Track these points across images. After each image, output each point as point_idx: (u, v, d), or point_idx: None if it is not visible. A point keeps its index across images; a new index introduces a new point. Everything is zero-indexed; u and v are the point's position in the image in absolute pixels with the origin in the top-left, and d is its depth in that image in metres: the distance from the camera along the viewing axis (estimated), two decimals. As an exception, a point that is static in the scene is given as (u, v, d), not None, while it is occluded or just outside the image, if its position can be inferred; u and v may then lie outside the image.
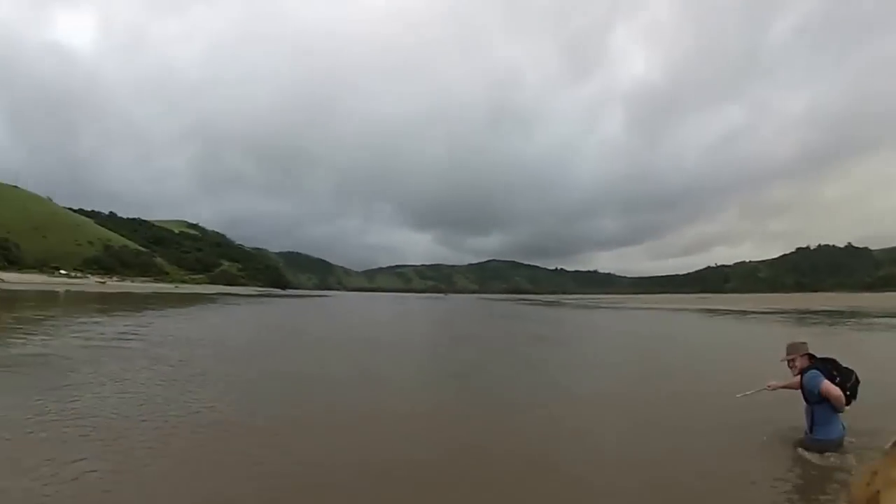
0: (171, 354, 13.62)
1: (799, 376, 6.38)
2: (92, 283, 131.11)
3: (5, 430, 6.48)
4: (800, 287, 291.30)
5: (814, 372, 6.16)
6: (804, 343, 6.68)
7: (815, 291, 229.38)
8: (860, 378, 6.18)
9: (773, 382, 6.98)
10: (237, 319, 32.62)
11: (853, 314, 42.68)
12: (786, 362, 6.73)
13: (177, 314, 32.72)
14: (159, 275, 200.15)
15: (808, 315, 42.22)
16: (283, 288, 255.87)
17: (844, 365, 6.26)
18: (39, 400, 8.17)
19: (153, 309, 37.25)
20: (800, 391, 6.35)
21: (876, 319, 35.45)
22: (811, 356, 6.50)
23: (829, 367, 6.21)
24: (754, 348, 19.57)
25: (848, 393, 6.05)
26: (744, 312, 48.77)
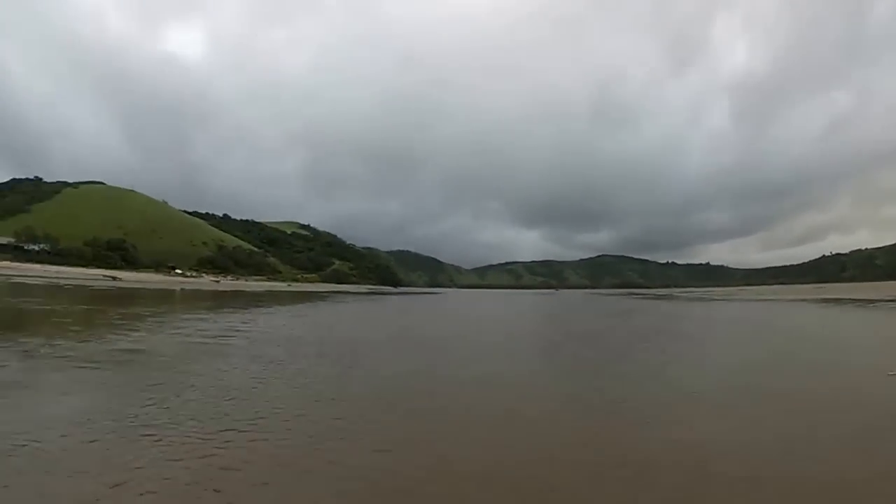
0: (271, 353, 13.42)
1: None
2: (206, 281, 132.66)
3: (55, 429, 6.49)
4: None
5: None
6: None
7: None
8: None
9: None
10: (345, 317, 31.62)
11: None
12: None
13: (285, 312, 32.92)
14: (272, 274, 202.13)
15: None
16: (395, 286, 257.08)
17: None
18: (113, 400, 8.17)
19: (262, 306, 37.91)
20: None
21: None
22: None
23: None
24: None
25: None
26: (869, 301, 48.38)
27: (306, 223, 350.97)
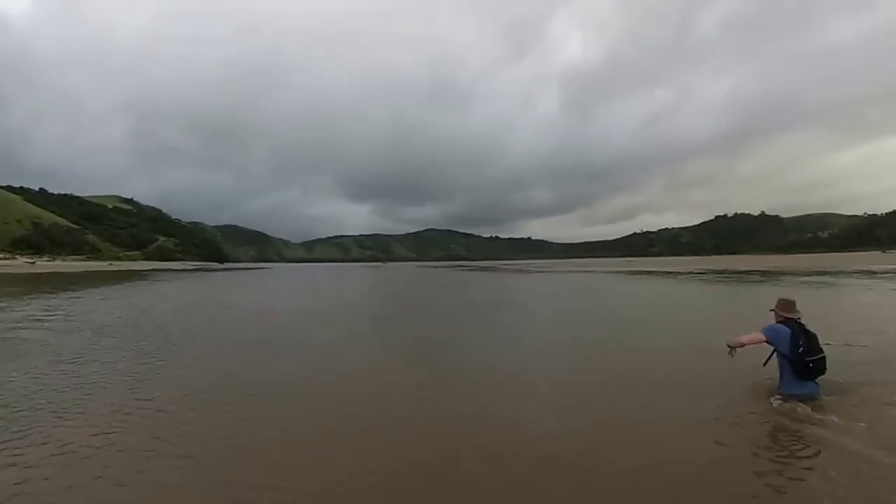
0: (71, 345, 11.61)
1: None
2: (20, 263, 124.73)
3: None
4: (718, 250, 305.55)
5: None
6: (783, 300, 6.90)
7: (733, 254, 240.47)
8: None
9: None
10: (163, 297, 28.86)
11: (768, 273, 46.90)
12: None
13: (98, 294, 30.05)
14: (92, 252, 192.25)
15: (729, 274, 46.23)
16: (221, 262, 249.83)
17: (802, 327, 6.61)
18: None
19: (76, 289, 34.93)
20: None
21: (789, 277, 39.51)
22: (780, 314, 6.82)
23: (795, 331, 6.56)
24: (694, 305, 22.06)
25: (810, 365, 6.41)
26: (673, 273, 52.47)
27: (130, 197, 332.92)
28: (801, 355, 6.40)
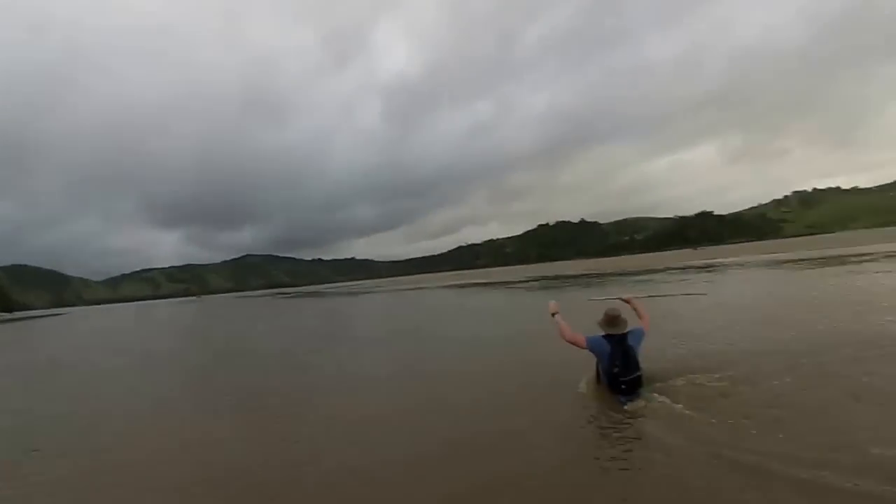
0: None
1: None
2: None
3: None
4: (543, 258, 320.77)
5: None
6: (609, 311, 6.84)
7: (558, 260, 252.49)
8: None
9: (629, 296, 7.72)
10: None
11: (586, 276, 48.58)
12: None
13: None
14: None
15: (558, 280, 47.31)
16: (10, 311, 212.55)
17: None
18: None
19: None
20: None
21: (610, 278, 41.31)
22: (603, 328, 6.76)
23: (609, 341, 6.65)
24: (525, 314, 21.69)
25: (623, 386, 6.50)
26: (500, 283, 52.88)
27: None
28: (615, 375, 6.51)
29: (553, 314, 7.22)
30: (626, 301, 7.65)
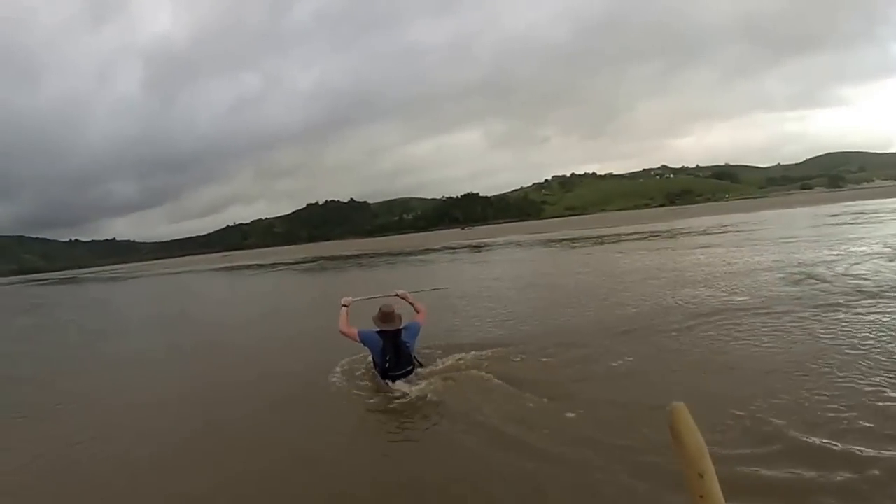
0: None
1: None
2: None
3: None
4: (313, 238, 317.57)
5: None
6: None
7: (327, 240, 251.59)
8: None
9: (402, 292, 7.76)
10: None
11: (360, 256, 49.42)
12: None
13: None
14: None
15: (329, 260, 47.67)
16: None
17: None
18: None
19: None
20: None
21: (384, 258, 41.93)
22: (377, 323, 6.90)
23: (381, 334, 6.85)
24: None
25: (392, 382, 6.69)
26: (270, 265, 51.76)
27: None
28: (386, 370, 6.70)
29: (343, 305, 7.21)
30: (401, 297, 7.69)
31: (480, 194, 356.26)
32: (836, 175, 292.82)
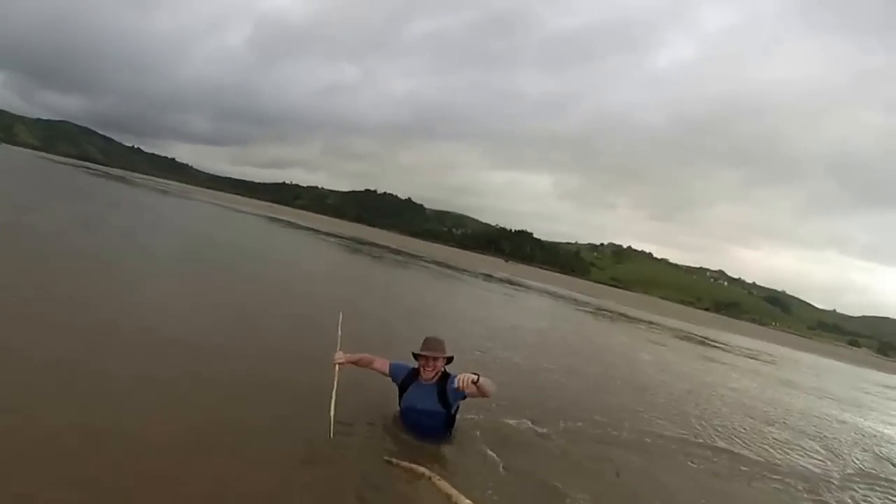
0: None
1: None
2: None
3: None
4: (360, 220, 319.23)
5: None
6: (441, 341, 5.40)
7: (374, 227, 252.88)
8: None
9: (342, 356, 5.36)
10: None
11: (397, 251, 48.87)
12: (424, 359, 5.22)
13: None
14: None
15: (363, 244, 47.03)
16: None
17: None
18: None
19: None
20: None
21: (419, 260, 42.05)
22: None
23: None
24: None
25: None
26: (308, 228, 52.24)
27: None
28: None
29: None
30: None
31: (534, 235, 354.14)
32: (888, 343, 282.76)
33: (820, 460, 8.55)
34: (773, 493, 6.53)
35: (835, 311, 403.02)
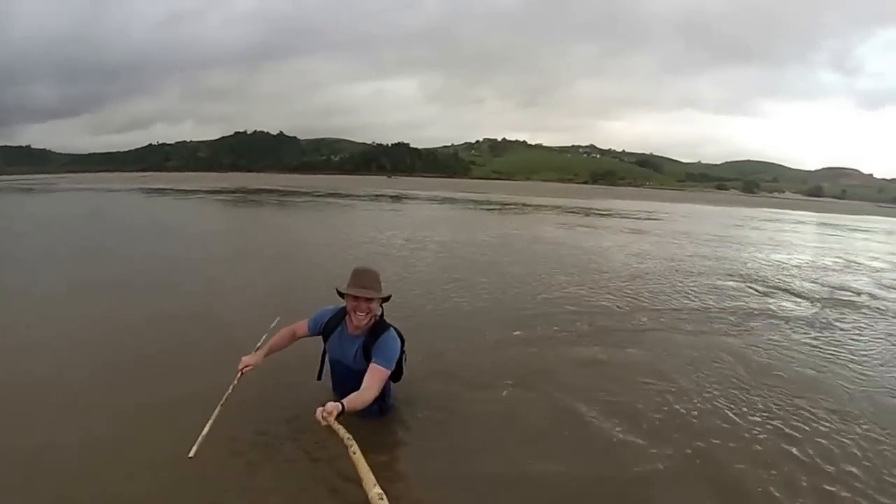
0: None
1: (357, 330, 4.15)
2: None
3: None
4: (235, 167, 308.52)
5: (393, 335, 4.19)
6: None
7: (250, 171, 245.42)
8: None
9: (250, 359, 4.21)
10: None
11: (284, 192, 49.29)
12: (354, 299, 4.02)
13: None
14: None
15: (251, 193, 46.97)
16: None
17: None
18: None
19: None
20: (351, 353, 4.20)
21: (307, 196, 42.55)
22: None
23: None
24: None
25: None
26: (191, 191, 50.09)
27: None
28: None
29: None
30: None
31: (410, 145, 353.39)
32: (751, 181, 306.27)
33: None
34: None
35: (699, 162, 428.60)
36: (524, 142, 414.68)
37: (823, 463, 4.13)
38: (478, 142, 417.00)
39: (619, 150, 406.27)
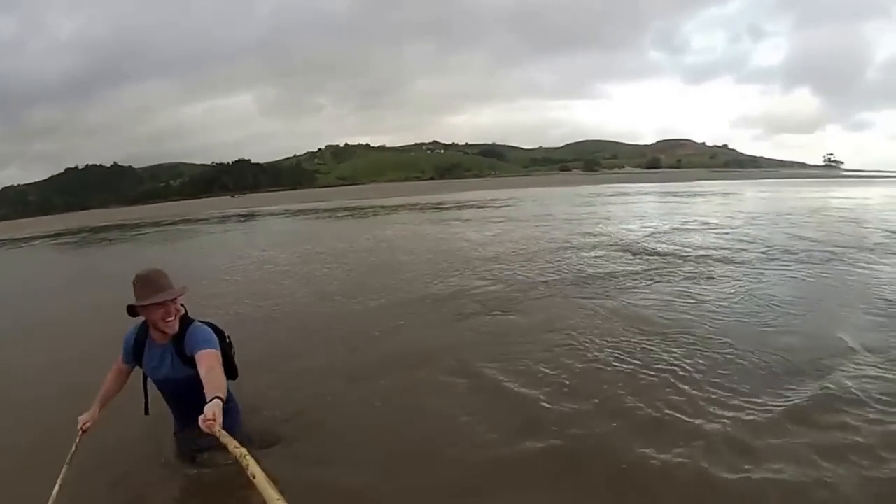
0: None
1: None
2: None
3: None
4: (70, 207, 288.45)
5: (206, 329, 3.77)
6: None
7: (86, 209, 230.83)
8: None
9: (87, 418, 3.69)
10: None
11: (125, 226, 46.50)
12: (159, 307, 3.51)
13: None
14: None
15: (93, 232, 44.20)
16: None
17: None
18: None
19: None
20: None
21: (143, 229, 40.49)
22: None
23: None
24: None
25: None
26: (24, 239, 45.64)
27: None
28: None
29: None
30: None
31: (252, 161, 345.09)
32: (592, 160, 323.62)
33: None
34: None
35: (541, 147, 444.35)
36: (367, 144, 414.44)
37: (694, 373, 5.38)
38: (320, 150, 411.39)
39: (463, 143, 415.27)
